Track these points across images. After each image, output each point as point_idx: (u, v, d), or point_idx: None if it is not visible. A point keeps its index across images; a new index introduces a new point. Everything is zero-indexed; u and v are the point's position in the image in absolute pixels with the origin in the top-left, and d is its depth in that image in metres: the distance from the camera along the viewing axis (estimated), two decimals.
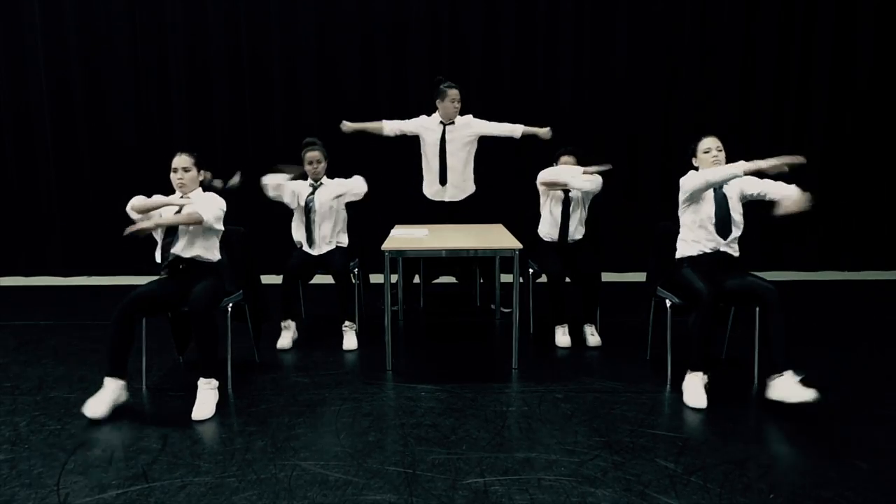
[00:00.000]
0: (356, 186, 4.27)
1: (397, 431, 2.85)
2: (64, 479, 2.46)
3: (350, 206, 4.39)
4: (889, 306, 5.07)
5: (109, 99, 6.02)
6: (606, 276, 4.10)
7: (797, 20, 5.91)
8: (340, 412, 3.07)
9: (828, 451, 2.65)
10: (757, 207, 6.57)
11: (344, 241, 4.34)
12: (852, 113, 6.05)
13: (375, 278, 5.51)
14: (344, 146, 6.08)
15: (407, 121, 4.69)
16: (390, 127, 4.67)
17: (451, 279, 5.71)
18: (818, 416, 2.98)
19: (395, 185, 6.08)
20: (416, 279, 5.06)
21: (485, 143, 4.92)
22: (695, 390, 3.13)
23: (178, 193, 3.37)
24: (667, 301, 3.44)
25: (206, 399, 3.08)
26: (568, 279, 4.08)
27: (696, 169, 3.40)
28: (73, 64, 5.95)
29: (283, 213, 5.87)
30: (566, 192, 4.14)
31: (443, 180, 4.61)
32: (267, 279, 4.36)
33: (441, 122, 4.57)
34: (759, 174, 3.11)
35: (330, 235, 4.22)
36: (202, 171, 3.44)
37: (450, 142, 4.55)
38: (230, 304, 3.47)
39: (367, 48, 5.96)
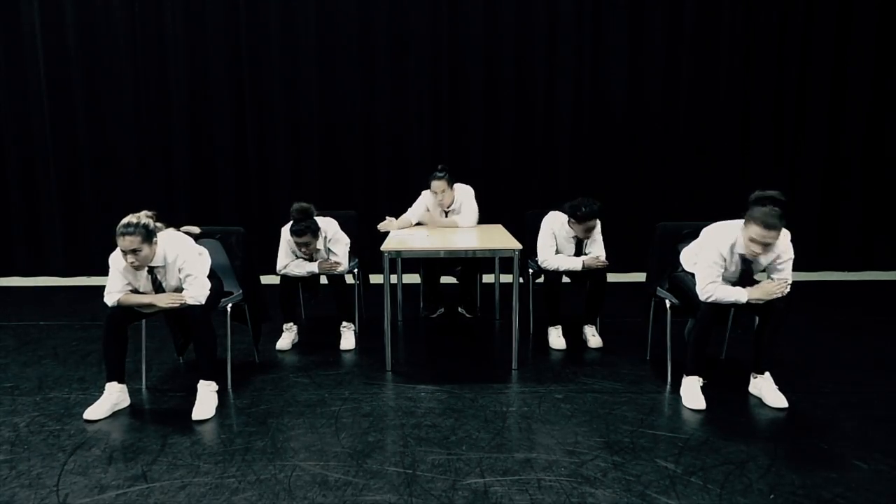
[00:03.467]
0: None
1: (397, 432, 2.85)
2: (63, 479, 2.46)
3: (350, 207, 4.38)
4: (889, 306, 5.07)
5: (109, 99, 6.02)
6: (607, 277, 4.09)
7: (797, 19, 5.91)
8: (340, 412, 3.07)
9: (828, 451, 2.65)
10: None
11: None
12: (853, 113, 6.05)
13: (375, 279, 5.51)
14: (342, 148, 6.10)
15: (418, 209, 4.71)
16: (414, 216, 4.70)
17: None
18: (817, 416, 2.98)
19: (394, 187, 6.09)
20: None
21: (487, 144, 4.87)
22: (692, 393, 3.15)
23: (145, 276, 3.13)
24: (666, 301, 3.44)
25: (206, 399, 3.08)
26: (568, 279, 4.07)
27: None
28: (73, 64, 5.94)
29: (281, 213, 5.89)
30: (578, 241, 4.02)
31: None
32: (266, 279, 4.35)
33: (442, 210, 4.71)
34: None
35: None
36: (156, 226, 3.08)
37: (450, 216, 4.72)
38: (230, 305, 3.47)
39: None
